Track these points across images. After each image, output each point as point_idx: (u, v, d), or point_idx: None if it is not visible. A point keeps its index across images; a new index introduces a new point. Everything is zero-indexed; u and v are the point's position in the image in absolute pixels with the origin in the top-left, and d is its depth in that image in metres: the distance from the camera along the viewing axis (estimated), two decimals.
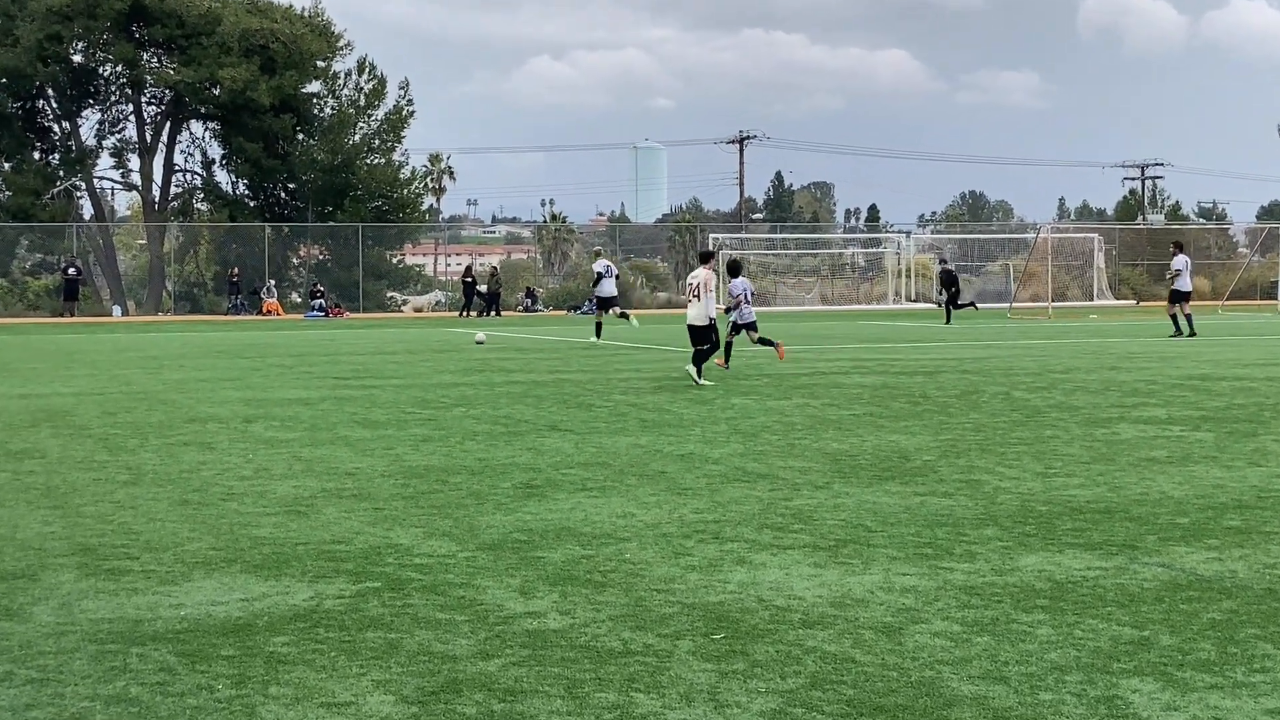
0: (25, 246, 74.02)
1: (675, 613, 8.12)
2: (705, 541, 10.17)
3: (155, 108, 76.53)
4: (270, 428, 17.73)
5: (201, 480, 13.35)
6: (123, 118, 76.64)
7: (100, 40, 72.38)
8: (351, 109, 77.01)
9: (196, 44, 71.28)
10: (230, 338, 43.13)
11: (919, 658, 7.17)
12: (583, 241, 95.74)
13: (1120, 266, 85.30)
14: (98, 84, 75.14)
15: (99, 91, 75.42)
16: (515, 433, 17.00)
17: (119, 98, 76.02)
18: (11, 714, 6.45)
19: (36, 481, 13.37)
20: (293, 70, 72.39)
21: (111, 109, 76.40)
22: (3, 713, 6.47)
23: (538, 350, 35.01)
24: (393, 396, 21.95)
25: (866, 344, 36.34)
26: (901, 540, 10.16)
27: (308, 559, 9.70)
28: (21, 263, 73.43)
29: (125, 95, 75.65)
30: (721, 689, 6.68)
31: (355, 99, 77.29)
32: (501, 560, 9.61)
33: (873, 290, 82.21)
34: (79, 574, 9.28)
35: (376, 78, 77.49)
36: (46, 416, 19.37)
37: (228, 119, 72.89)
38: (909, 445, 15.49)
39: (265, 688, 6.78)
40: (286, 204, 77.38)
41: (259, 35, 71.15)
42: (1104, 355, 30.92)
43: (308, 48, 72.95)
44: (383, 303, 76.10)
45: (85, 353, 34.68)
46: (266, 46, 71.27)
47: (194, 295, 74.78)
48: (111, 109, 76.40)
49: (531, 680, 6.84)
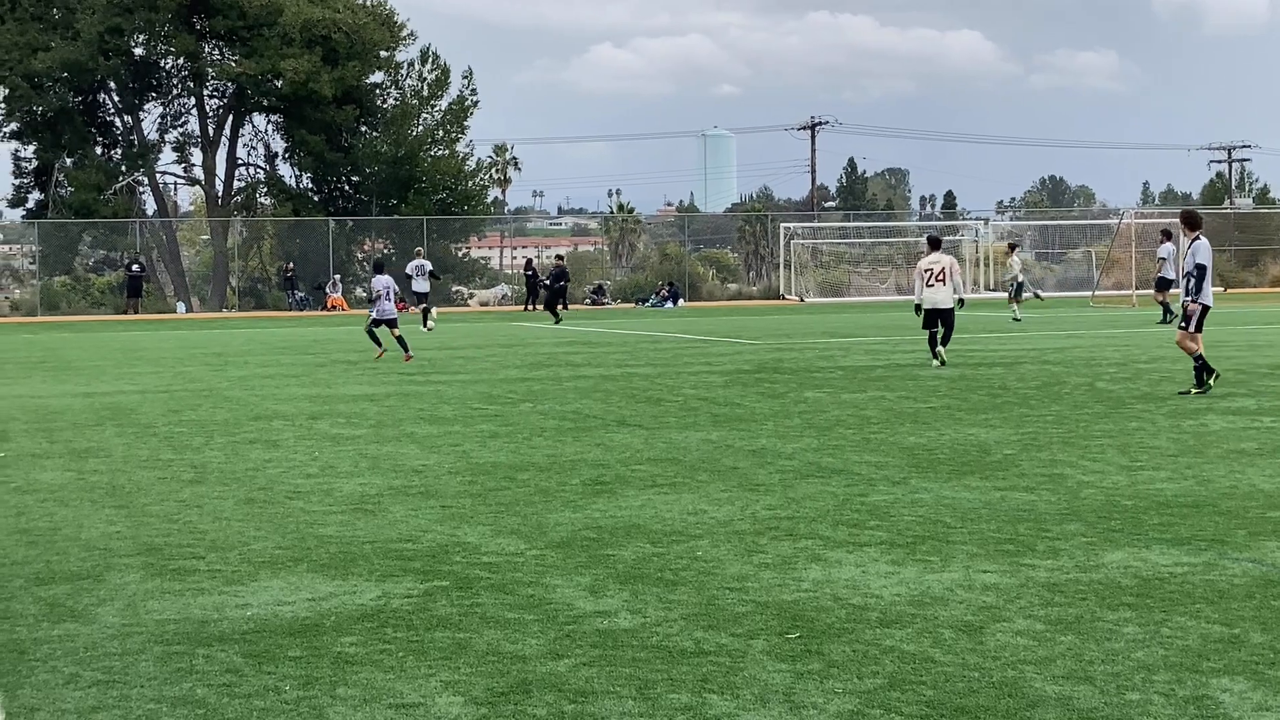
0: (88, 243, 74.45)
1: (749, 612, 7.98)
2: (779, 539, 10.01)
3: (217, 101, 76.82)
4: (336, 425, 17.69)
5: (267, 478, 13.30)
6: (185, 111, 76.94)
7: (161, 33, 72.68)
8: (415, 100, 77.08)
9: (258, 35, 71.47)
10: (295, 333, 43.31)
11: (1000, 657, 7.01)
12: (650, 232, 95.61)
13: None
14: (159, 77, 75.45)
15: (160, 85, 75.74)
16: (584, 428, 16.89)
17: (180, 91, 76.31)
18: (78, 716, 6.39)
19: (101, 481, 13.35)
20: (355, 61, 72.48)
21: (173, 102, 76.70)
22: (69, 715, 6.41)
23: (605, 344, 34.93)
24: (459, 392, 21.89)
25: None
26: (982, 536, 9.97)
27: (375, 558, 9.60)
28: (85, 259, 73.97)
29: (187, 88, 75.93)
30: (797, 690, 6.55)
31: (418, 89, 77.34)
32: (571, 558, 9.49)
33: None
34: (144, 574, 9.22)
35: (440, 67, 77.51)
36: (111, 415, 19.41)
37: (290, 111, 73.07)
38: (989, 438, 15.27)
39: (333, 689, 6.69)
40: (350, 197, 77.52)
41: (321, 26, 71.26)
42: None
43: (370, 38, 72.98)
44: (448, 297, 76.21)
45: (149, 350, 34.86)
46: (329, 37, 71.37)
47: (258, 291, 75.08)
48: (173, 102, 76.70)
49: (602, 681, 6.73)
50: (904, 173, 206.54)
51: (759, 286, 78.34)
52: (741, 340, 34.92)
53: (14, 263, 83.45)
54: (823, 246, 77.65)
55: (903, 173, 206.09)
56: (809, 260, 75.13)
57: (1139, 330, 36.81)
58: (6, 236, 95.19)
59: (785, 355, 28.72)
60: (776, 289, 74.21)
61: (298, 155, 75.40)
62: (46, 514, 11.58)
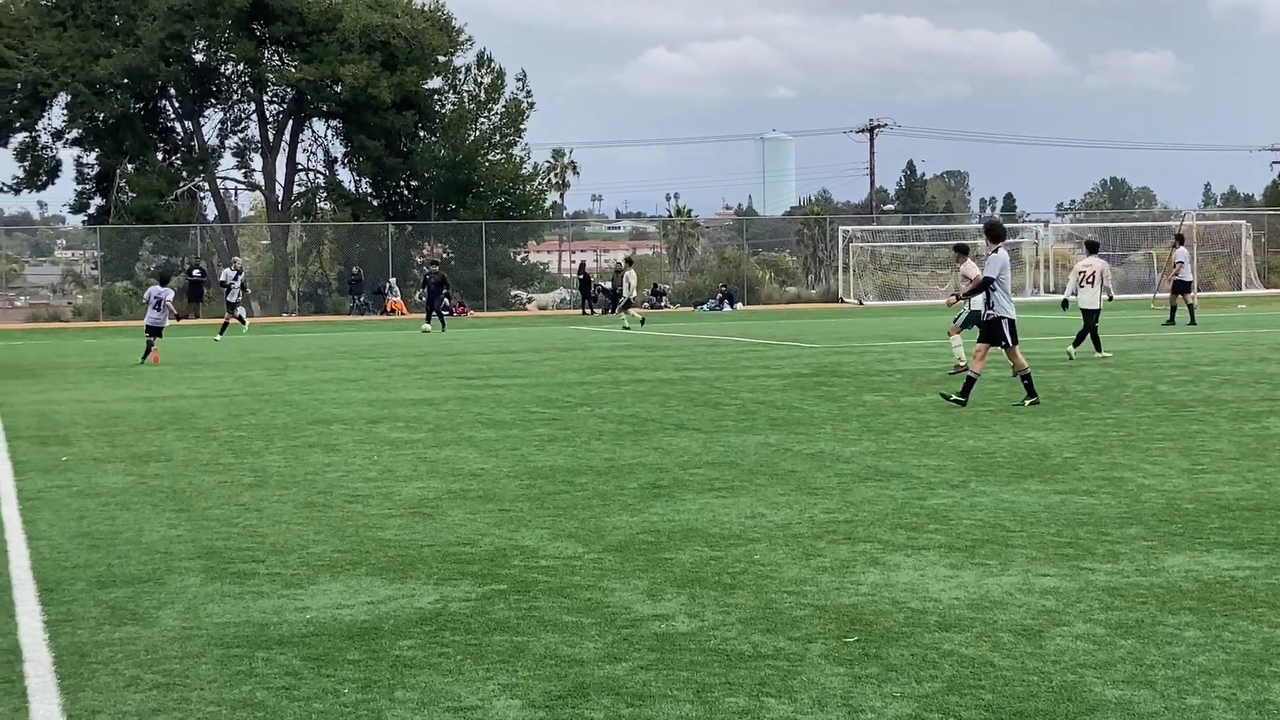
0: (149, 248, 74.97)
1: (807, 615, 7.95)
2: (837, 542, 9.97)
3: (277, 106, 77.29)
4: (395, 429, 17.75)
5: (326, 482, 13.35)
6: (245, 117, 77.46)
7: (221, 39, 73.17)
8: (472, 104, 77.27)
9: (317, 41, 71.83)
10: (354, 338, 43.48)
11: (1060, 661, 6.96)
12: (709, 236, 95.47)
13: (1269, 254, 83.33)
14: (219, 83, 75.96)
15: (221, 90, 76.24)
16: (641, 432, 16.89)
17: (241, 96, 76.82)
18: (138, 719, 6.42)
19: (162, 485, 13.43)
20: (414, 66, 72.74)
21: (233, 108, 77.21)
22: (130, 717, 6.45)
23: (663, 348, 34.92)
24: (517, 396, 21.93)
25: None
26: (1041, 540, 9.90)
27: (433, 561, 9.63)
28: (146, 264, 74.43)
29: (247, 94, 76.43)
30: (855, 694, 6.52)
31: (475, 94, 77.54)
32: (629, 562, 9.48)
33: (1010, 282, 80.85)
34: (205, 577, 9.27)
35: (495, 71, 77.68)
36: (172, 419, 19.54)
37: (349, 117, 73.39)
38: (1048, 442, 15.18)
39: (391, 691, 6.71)
40: (409, 202, 77.82)
41: (380, 31, 71.53)
42: (1253, 347, 30.22)
43: (429, 43, 73.22)
44: (507, 301, 76.39)
45: (209, 354, 35.08)
46: (387, 42, 71.64)
47: (318, 295, 75.47)
48: (233, 108, 77.21)
49: (660, 684, 6.72)
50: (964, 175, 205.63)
51: (817, 290, 78.22)
52: (800, 344, 34.85)
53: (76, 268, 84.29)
54: (882, 249, 77.27)
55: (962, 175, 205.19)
56: (868, 263, 74.89)
57: (1200, 332, 36.51)
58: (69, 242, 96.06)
59: (844, 359, 28.65)
60: (835, 292, 74.02)
61: (357, 160, 75.71)
62: (108, 517, 11.67)
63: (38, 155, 73.72)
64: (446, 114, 76.73)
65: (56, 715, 6.53)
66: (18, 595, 8.89)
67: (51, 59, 68.76)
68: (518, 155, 78.76)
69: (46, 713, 6.57)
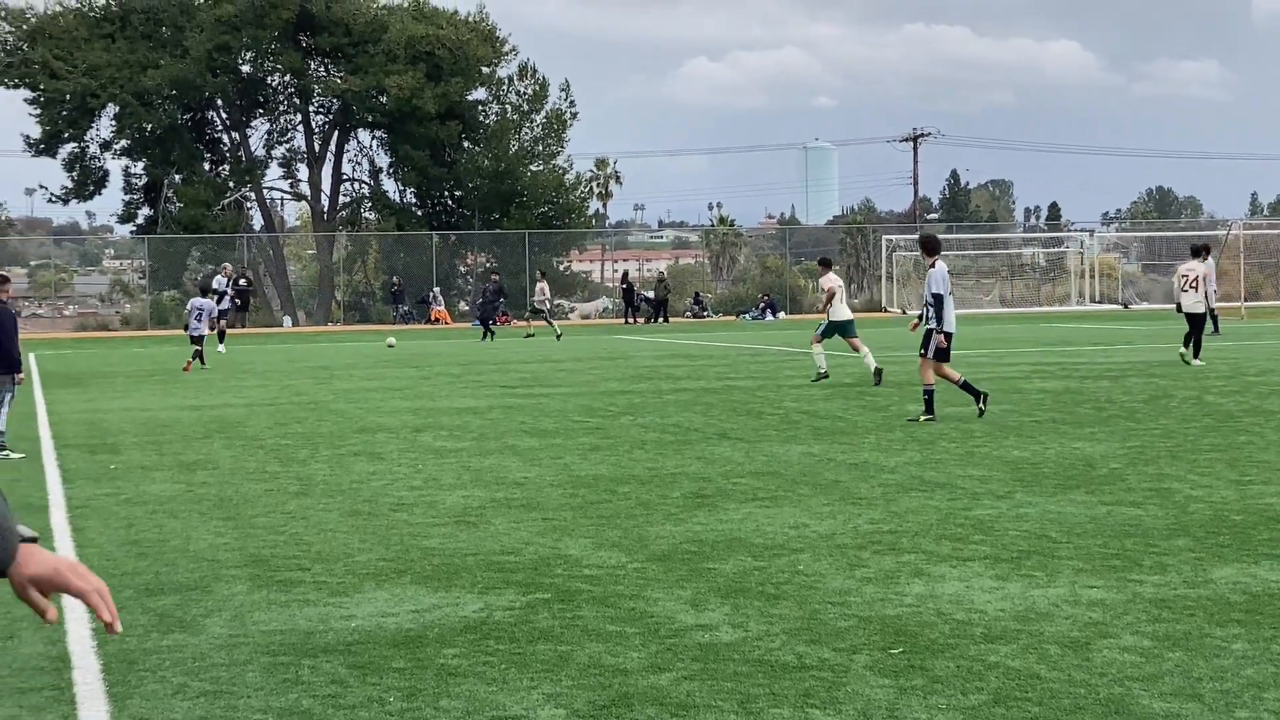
0: (197, 258, 75.38)
1: (851, 626, 7.93)
2: (881, 553, 9.95)
3: (323, 117, 77.63)
4: (439, 437, 17.79)
5: (371, 491, 13.39)
6: (291, 127, 77.82)
7: (268, 50, 73.57)
8: (515, 114, 77.44)
9: (363, 52, 72.14)
10: (398, 347, 43.59)
11: (1107, 674, 6.92)
12: (751, 245, 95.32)
13: None
14: (266, 94, 76.34)
15: (267, 101, 76.63)
16: (684, 441, 16.88)
17: (287, 107, 77.19)
18: None
19: (209, 493, 13.50)
20: (458, 77, 72.96)
21: (280, 119, 77.58)
22: None
23: (706, 357, 34.90)
24: (560, 405, 21.95)
25: (1048, 347, 35.70)
26: (1088, 551, 9.85)
27: (477, 570, 9.64)
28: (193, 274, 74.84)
29: (293, 105, 76.80)
30: (900, 705, 6.49)
31: (518, 104, 77.70)
32: (672, 571, 9.48)
33: (1054, 291, 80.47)
34: (251, 585, 9.31)
35: (538, 81, 77.81)
36: (219, 428, 19.63)
37: (394, 127, 73.64)
38: (1094, 452, 15.10)
39: (436, 700, 6.72)
40: (453, 211, 78.06)
41: (425, 42, 71.75)
42: None
43: (473, 53, 73.42)
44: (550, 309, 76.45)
45: (256, 363, 35.24)
46: (432, 53, 71.86)
47: (363, 305, 75.75)
48: (280, 119, 77.58)
49: (704, 694, 6.71)
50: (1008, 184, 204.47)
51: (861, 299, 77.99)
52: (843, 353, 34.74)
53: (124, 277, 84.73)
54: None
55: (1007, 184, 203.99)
56: (911, 272, 74.69)
57: (1247, 342, 36.27)
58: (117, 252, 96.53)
59: (887, 368, 28.56)
60: (878, 301, 73.86)
61: (402, 170, 76.00)
62: (156, 525, 11.74)
63: (86, 166, 74.22)
64: (490, 124, 76.89)
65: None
66: (67, 603, 8.92)
67: (100, 70, 69.23)
68: (560, 165, 78.91)
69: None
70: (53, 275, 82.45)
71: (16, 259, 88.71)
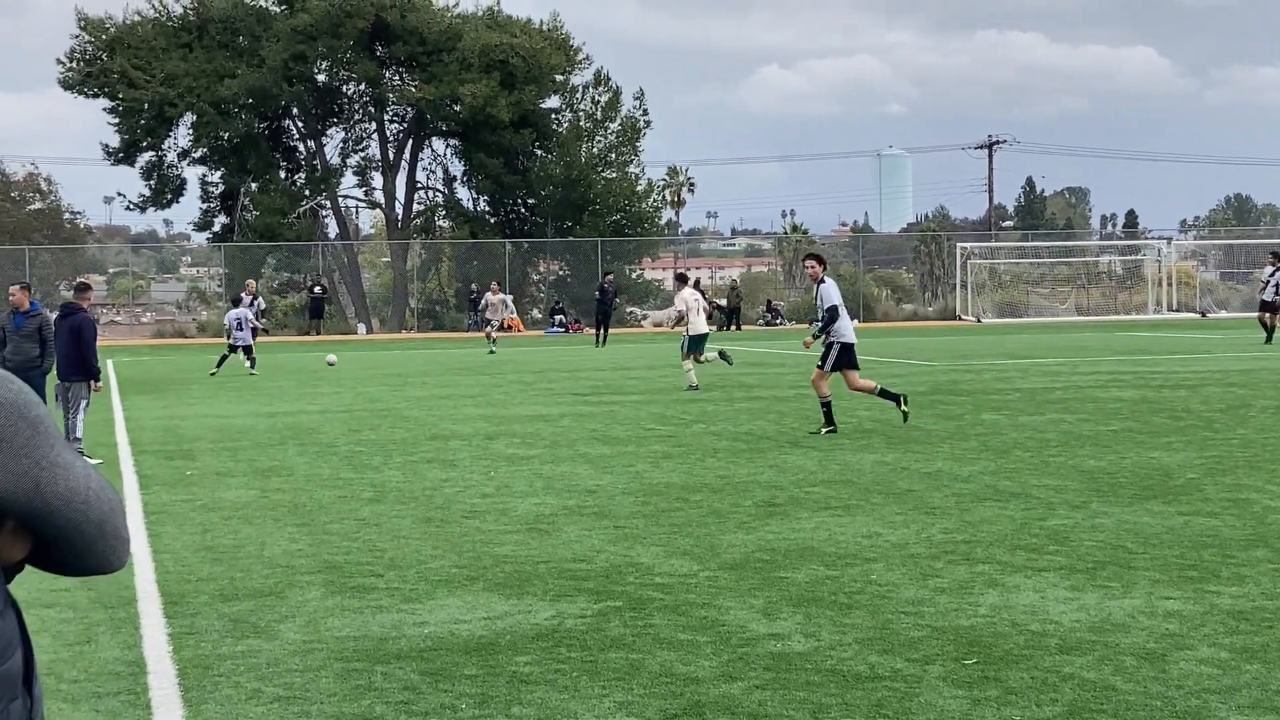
0: (272, 266, 75.97)
1: (924, 636, 7.88)
2: (955, 563, 9.88)
3: (397, 125, 78.02)
4: (511, 445, 17.83)
5: (444, 498, 13.44)
6: (366, 136, 78.27)
7: (343, 59, 73.99)
8: (588, 122, 77.59)
9: (437, 61, 72.44)
10: (472, 355, 43.74)
11: (1184, 686, 6.85)
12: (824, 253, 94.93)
13: None
14: (341, 102, 76.83)
15: (342, 110, 77.12)
16: (756, 449, 16.84)
17: (362, 116, 77.65)
18: None
19: (284, 499, 13.59)
20: (532, 85, 73.18)
21: (355, 127, 78.05)
22: None
23: (778, 365, 34.82)
24: (632, 413, 21.95)
25: (1124, 356, 35.35)
26: (1164, 562, 9.75)
27: (549, 577, 9.65)
28: (269, 281, 75.46)
29: (368, 113, 77.24)
30: (973, 717, 6.46)
31: (591, 112, 77.84)
32: (744, 580, 9.45)
33: (1131, 300, 79.74)
34: (325, 591, 9.35)
35: (612, 90, 77.93)
36: (293, 434, 19.76)
37: (468, 135, 73.91)
38: (1171, 462, 14.95)
39: (508, 707, 6.73)
40: (526, 219, 78.31)
41: (499, 50, 71.99)
42: None
43: (546, 61, 73.63)
44: (622, 318, 76.51)
45: (330, 371, 35.43)
46: (506, 61, 72.10)
47: (436, 312, 76.06)
48: (355, 127, 78.05)
49: (776, 704, 6.69)
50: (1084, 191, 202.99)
51: (935, 307, 77.63)
52: (917, 361, 34.60)
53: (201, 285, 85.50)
54: (1000, 266, 76.54)
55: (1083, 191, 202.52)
56: (986, 280, 74.24)
57: None
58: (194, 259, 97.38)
59: (961, 377, 28.41)
60: (953, 309, 73.44)
61: (475, 178, 76.26)
62: (231, 531, 11.82)
63: (164, 174, 74.92)
64: (563, 132, 77.07)
65: None
66: (142, 608, 9.02)
67: (177, 79, 69.89)
68: (633, 173, 78.95)
69: None
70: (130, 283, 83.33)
71: (95, 266, 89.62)
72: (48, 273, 70.27)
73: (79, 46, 71.66)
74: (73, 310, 17.70)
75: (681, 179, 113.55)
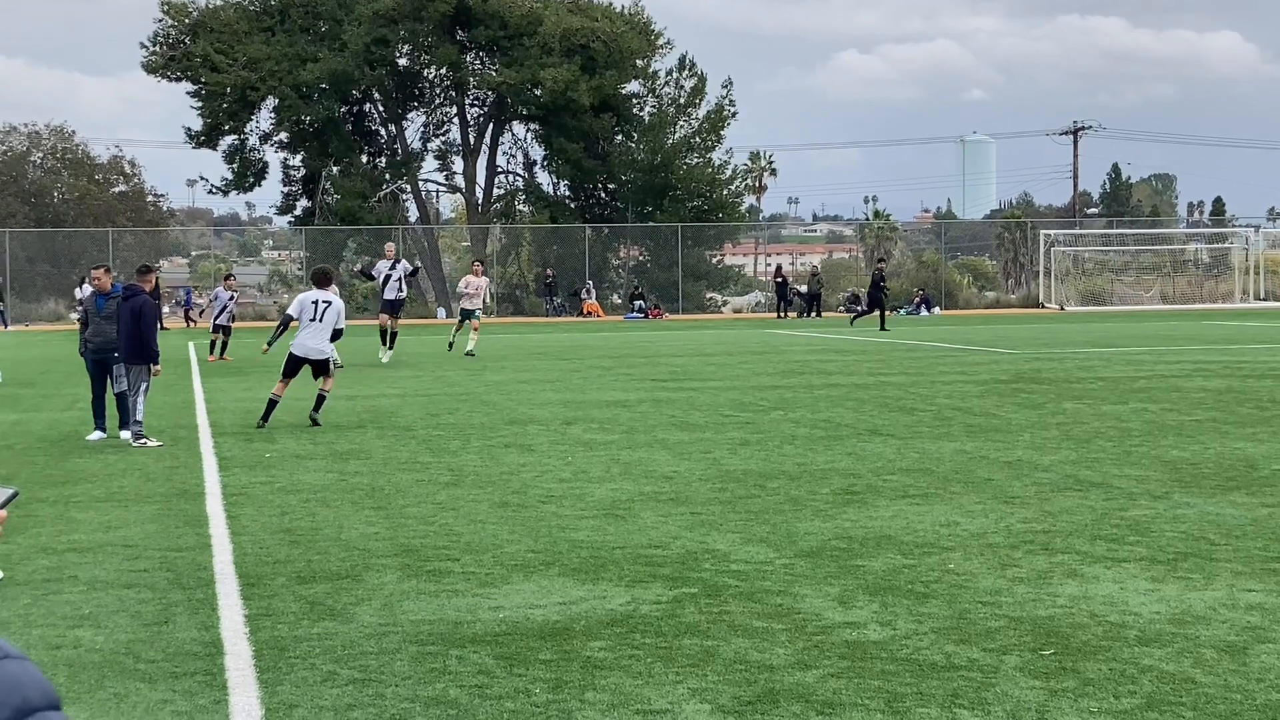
0: (353, 249, 76.37)
1: (1002, 627, 7.82)
2: (1034, 553, 9.80)
3: (478, 109, 78.22)
4: (589, 430, 17.84)
5: (521, 482, 13.46)
6: (446, 120, 78.55)
7: (425, 43, 74.26)
8: (671, 108, 77.47)
9: (518, 45, 72.59)
10: (550, 339, 43.84)
11: (1265, 679, 6.77)
12: (906, 239, 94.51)
13: None
14: (422, 87, 77.13)
15: (423, 94, 77.42)
16: (835, 437, 16.77)
17: (443, 100, 77.92)
18: (334, 714, 6.52)
19: (362, 482, 13.65)
20: (613, 70, 73.13)
21: (436, 111, 78.32)
22: (325, 712, 6.55)
23: (859, 352, 34.68)
24: (711, 399, 21.91)
25: (1210, 346, 34.99)
26: (1247, 554, 9.63)
27: (624, 563, 9.65)
28: (350, 265, 75.93)
29: (449, 98, 77.49)
30: (1050, 708, 6.40)
31: (675, 98, 77.71)
32: (820, 568, 9.41)
33: (1218, 288, 78.80)
34: (401, 575, 9.39)
35: (697, 75, 77.78)
36: (372, 418, 19.87)
37: (549, 120, 74.03)
38: (1256, 453, 14.76)
39: (581, 693, 6.73)
40: (606, 204, 78.34)
41: (580, 35, 72.02)
42: None
43: (627, 46, 73.56)
44: (702, 304, 76.45)
45: (409, 354, 35.59)
46: (587, 46, 72.09)
47: (516, 297, 76.29)
48: (436, 111, 78.32)
49: (850, 693, 6.65)
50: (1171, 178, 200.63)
51: (1018, 295, 77.04)
52: (998, 349, 34.36)
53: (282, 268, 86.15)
54: (1085, 254, 75.85)
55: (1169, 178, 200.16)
56: (1070, 268, 73.61)
57: None
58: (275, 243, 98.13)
59: (1043, 365, 28.18)
60: (1036, 297, 72.90)
61: (556, 163, 76.37)
62: (309, 514, 11.89)
63: (246, 158, 75.54)
64: (644, 117, 77.01)
65: (255, 708, 6.66)
66: (220, 589, 9.09)
67: (260, 64, 70.40)
68: (717, 159, 78.75)
69: (246, 705, 6.70)
70: (213, 265, 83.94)
71: (178, 249, 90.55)
72: (131, 255, 70.88)
73: (162, 30, 72.32)
74: (135, 292, 17.57)
75: (763, 164, 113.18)
